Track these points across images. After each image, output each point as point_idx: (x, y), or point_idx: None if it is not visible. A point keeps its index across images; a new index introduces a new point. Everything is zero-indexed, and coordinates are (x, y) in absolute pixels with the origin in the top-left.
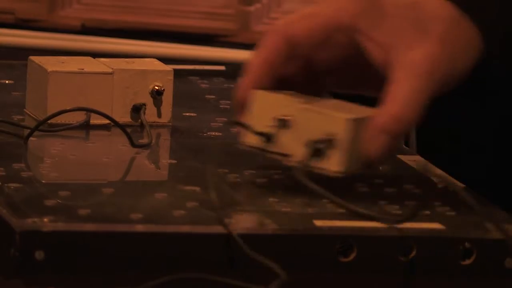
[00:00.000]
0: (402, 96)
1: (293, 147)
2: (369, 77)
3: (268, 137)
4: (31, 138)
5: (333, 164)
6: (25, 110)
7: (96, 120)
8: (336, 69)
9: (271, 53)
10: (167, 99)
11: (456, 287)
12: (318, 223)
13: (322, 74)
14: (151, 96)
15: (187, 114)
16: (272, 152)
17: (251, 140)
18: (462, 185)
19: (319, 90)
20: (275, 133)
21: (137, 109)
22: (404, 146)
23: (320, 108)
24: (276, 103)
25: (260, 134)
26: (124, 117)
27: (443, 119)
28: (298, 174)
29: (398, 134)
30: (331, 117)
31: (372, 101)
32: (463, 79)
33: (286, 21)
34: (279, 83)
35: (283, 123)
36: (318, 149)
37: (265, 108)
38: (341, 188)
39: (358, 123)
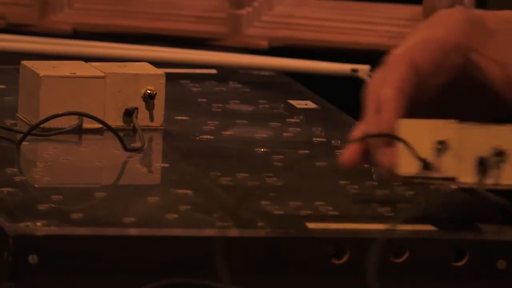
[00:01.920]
0: None
1: (456, 169)
2: (477, 106)
3: (427, 163)
4: (23, 143)
5: (508, 177)
6: (17, 114)
7: (88, 124)
8: (445, 97)
9: (401, 82)
10: (159, 102)
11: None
12: (311, 225)
13: (431, 103)
14: (143, 100)
15: (179, 117)
16: (435, 178)
17: (409, 169)
18: (454, 186)
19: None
20: (433, 158)
21: (129, 113)
22: None
23: (475, 124)
24: (426, 128)
25: (422, 160)
26: (116, 121)
27: None
28: (483, 193)
29: None
30: (497, 130)
31: None
32: None
33: (405, 48)
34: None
35: (443, 146)
36: (487, 165)
37: (416, 136)
38: (332, 190)
39: None
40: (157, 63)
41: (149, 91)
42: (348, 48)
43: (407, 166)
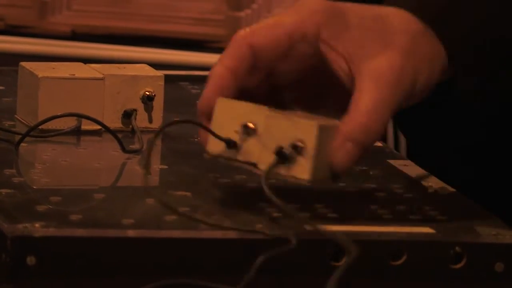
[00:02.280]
0: (368, 106)
1: (259, 155)
2: (329, 95)
3: (232, 144)
4: (22, 144)
5: (301, 171)
6: (16, 116)
7: (87, 125)
8: (297, 84)
9: (235, 61)
10: (158, 104)
11: None
12: (310, 227)
13: (283, 89)
14: (142, 102)
15: (178, 119)
16: (238, 161)
17: (215, 148)
18: (452, 189)
19: (280, 107)
20: (240, 141)
21: (128, 115)
22: (394, 151)
23: (287, 115)
24: (241, 110)
25: (225, 140)
26: (115, 123)
27: (426, 126)
28: (263, 185)
29: (363, 143)
30: (300, 123)
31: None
32: (427, 93)
33: (250, 30)
34: (242, 94)
35: (248, 131)
36: (285, 156)
37: (229, 116)
38: (330, 191)
39: (327, 131)
40: (156, 65)
41: (147, 93)
42: None
43: (215, 145)
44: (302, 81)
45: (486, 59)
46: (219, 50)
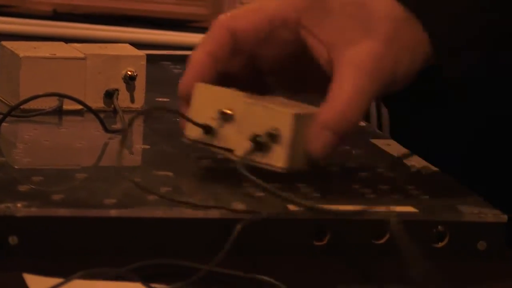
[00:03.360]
0: (346, 94)
1: (236, 141)
2: (312, 79)
3: (209, 130)
4: (3, 124)
5: (276, 159)
6: None
7: (69, 105)
8: (280, 69)
9: (214, 46)
10: (140, 84)
11: (429, 269)
12: (292, 207)
13: (266, 74)
14: (124, 82)
15: (160, 99)
16: (214, 146)
17: (193, 133)
18: (435, 168)
19: (263, 91)
20: (217, 127)
21: (110, 95)
22: (377, 130)
23: (265, 102)
24: (219, 96)
25: (202, 126)
26: (97, 103)
27: (411, 110)
28: (240, 168)
29: (341, 131)
30: (275, 112)
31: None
32: (409, 80)
33: (231, 15)
34: (223, 79)
35: (226, 117)
36: (261, 143)
37: (207, 102)
38: (314, 172)
39: (303, 119)
40: (138, 45)
41: (129, 73)
42: None
43: (193, 130)
44: (283, 65)
45: (470, 45)
46: (201, 29)
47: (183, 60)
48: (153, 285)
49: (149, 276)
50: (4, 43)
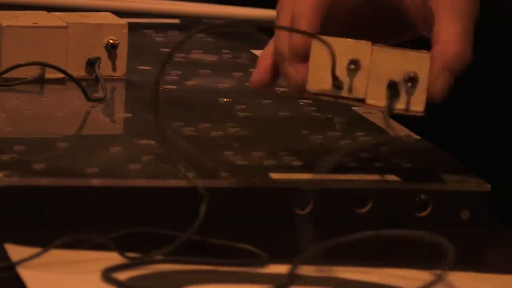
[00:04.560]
0: (458, 34)
1: (366, 90)
2: (384, 23)
3: (339, 81)
4: None
5: (415, 103)
6: None
7: (50, 74)
8: (357, 15)
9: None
10: (122, 53)
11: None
12: (274, 175)
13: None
14: (106, 50)
15: (142, 67)
16: (343, 98)
17: (318, 86)
18: (418, 136)
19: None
20: (344, 77)
21: (91, 63)
22: None
23: (393, 48)
24: (342, 47)
25: (333, 77)
26: (79, 71)
27: None
28: (385, 116)
29: (458, 71)
30: (411, 56)
31: None
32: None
33: None
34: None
35: (355, 66)
36: (398, 89)
37: (329, 53)
38: (295, 140)
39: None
40: (120, 13)
41: (111, 41)
42: None
43: (317, 82)
44: (352, 15)
45: None
46: None
47: (165, 28)
48: (129, 254)
49: (128, 245)
50: None
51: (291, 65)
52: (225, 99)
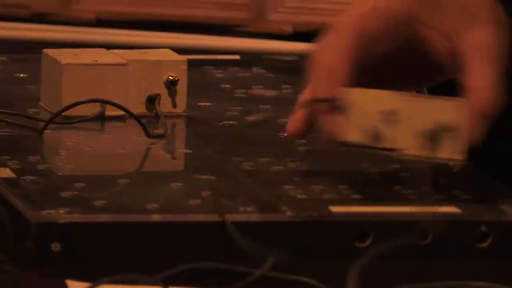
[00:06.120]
0: (489, 80)
1: (401, 140)
2: (415, 70)
3: (375, 132)
4: (46, 131)
5: (453, 152)
6: (40, 103)
7: (111, 111)
8: (388, 64)
9: (353, 51)
10: (182, 89)
11: (472, 270)
12: (334, 209)
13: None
14: (166, 86)
15: (202, 103)
16: (378, 148)
17: (354, 137)
18: (476, 168)
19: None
20: (381, 128)
21: (151, 100)
22: None
23: (428, 97)
24: (378, 98)
25: (370, 129)
26: (139, 108)
27: None
28: (422, 168)
29: (493, 116)
30: (448, 104)
31: None
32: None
33: (355, 17)
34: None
35: (389, 117)
36: (436, 138)
37: (365, 104)
38: (354, 172)
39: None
40: (180, 50)
41: (171, 77)
42: None
43: (355, 134)
44: (385, 62)
45: None
46: (243, 34)
47: (225, 64)
48: None
49: (189, 280)
50: (46, 50)
51: (326, 117)
52: (285, 134)
